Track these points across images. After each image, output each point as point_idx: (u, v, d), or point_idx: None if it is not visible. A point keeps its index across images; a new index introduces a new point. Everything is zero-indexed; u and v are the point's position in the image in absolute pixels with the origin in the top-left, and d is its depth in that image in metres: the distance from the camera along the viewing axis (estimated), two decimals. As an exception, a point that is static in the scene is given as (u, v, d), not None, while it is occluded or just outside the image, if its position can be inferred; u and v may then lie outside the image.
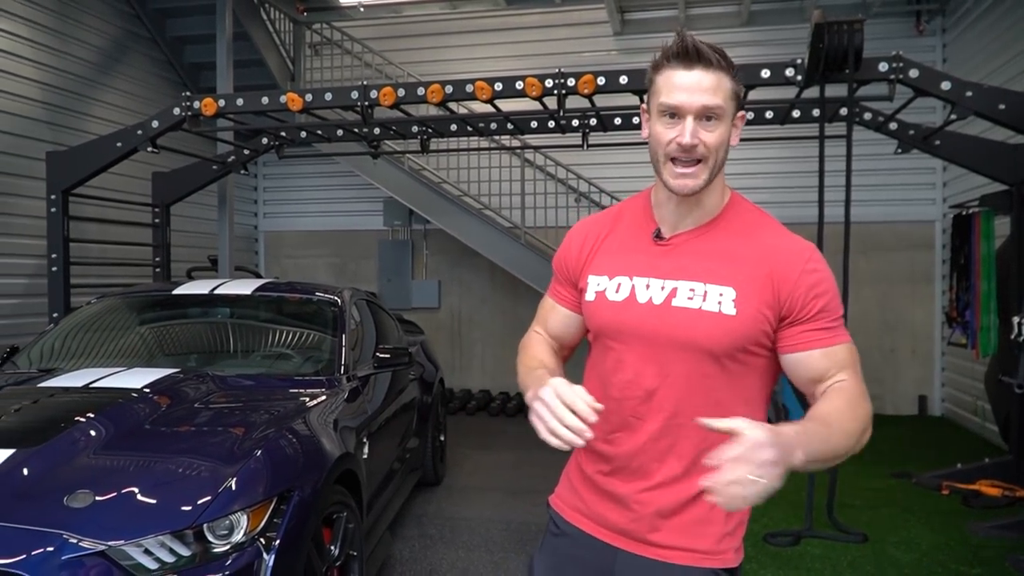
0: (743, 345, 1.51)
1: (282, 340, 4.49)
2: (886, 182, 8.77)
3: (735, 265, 1.53)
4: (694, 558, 1.55)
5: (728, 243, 1.56)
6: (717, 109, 1.50)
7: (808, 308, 1.50)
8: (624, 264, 1.62)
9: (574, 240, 1.74)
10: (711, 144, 1.51)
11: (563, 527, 1.73)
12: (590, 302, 1.65)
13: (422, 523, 5.00)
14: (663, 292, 1.55)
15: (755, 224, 1.60)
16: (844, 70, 4.87)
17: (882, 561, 4.35)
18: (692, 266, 1.55)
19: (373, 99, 5.69)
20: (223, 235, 7.62)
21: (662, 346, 1.54)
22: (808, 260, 1.52)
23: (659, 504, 1.57)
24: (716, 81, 1.50)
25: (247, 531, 2.55)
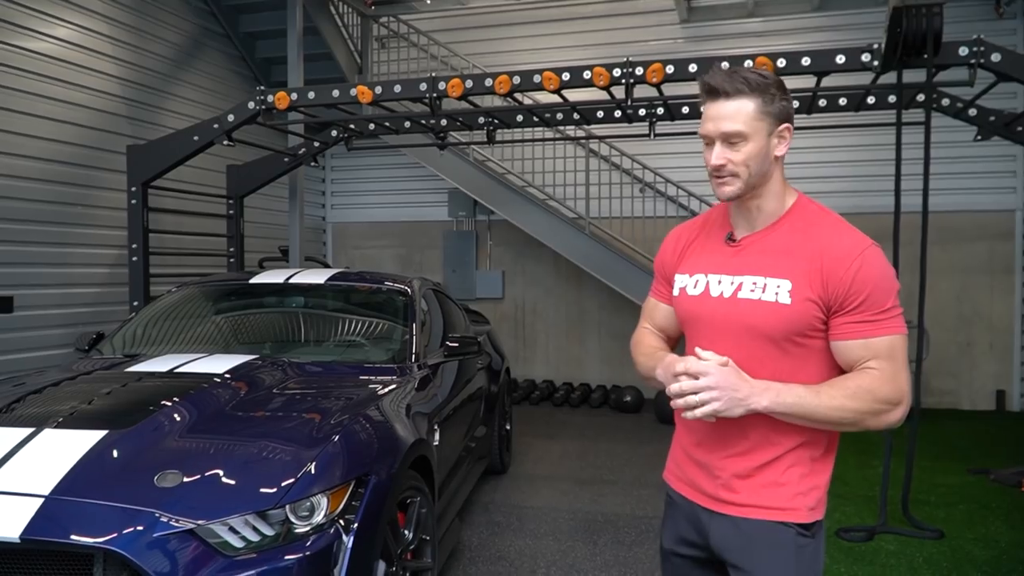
0: (797, 330, 1.74)
1: (354, 328, 4.60)
2: (963, 170, 8.47)
3: (792, 260, 1.75)
4: (769, 513, 1.78)
5: (789, 241, 1.79)
6: (737, 133, 1.74)
7: (851, 300, 1.70)
8: (703, 263, 1.90)
9: (668, 244, 2.06)
10: (739, 161, 1.75)
11: (672, 495, 2.02)
12: (675, 297, 1.95)
13: (489, 511, 5.07)
14: (732, 286, 1.81)
15: (815, 223, 1.79)
16: (923, 55, 4.73)
17: (959, 558, 4.24)
18: (757, 263, 1.80)
19: (441, 91, 5.75)
20: (293, 226, 7.81)
21: (731, 332, 1.79)
22: (856, 256, 1.71)
23: (735, 469, 1.82)
24: (735, 108, 1.73)
25: (327, 513, 2.64)
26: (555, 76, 5.53)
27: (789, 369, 1.75)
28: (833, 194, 8.85)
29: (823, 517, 1.82)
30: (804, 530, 1.78)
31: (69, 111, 6.68)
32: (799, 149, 8.76)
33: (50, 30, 6.47)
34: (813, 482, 1.80)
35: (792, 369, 1.76)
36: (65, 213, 6.65)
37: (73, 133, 6.72)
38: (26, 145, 6.24)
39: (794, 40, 8.67)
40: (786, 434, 1.77)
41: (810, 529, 1.79)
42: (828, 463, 1.83)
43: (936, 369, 8.56)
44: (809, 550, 1.79)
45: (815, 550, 1.80)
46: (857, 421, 1.68)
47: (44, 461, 2.65)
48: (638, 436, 7.15)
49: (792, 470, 1.78)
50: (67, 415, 3.00)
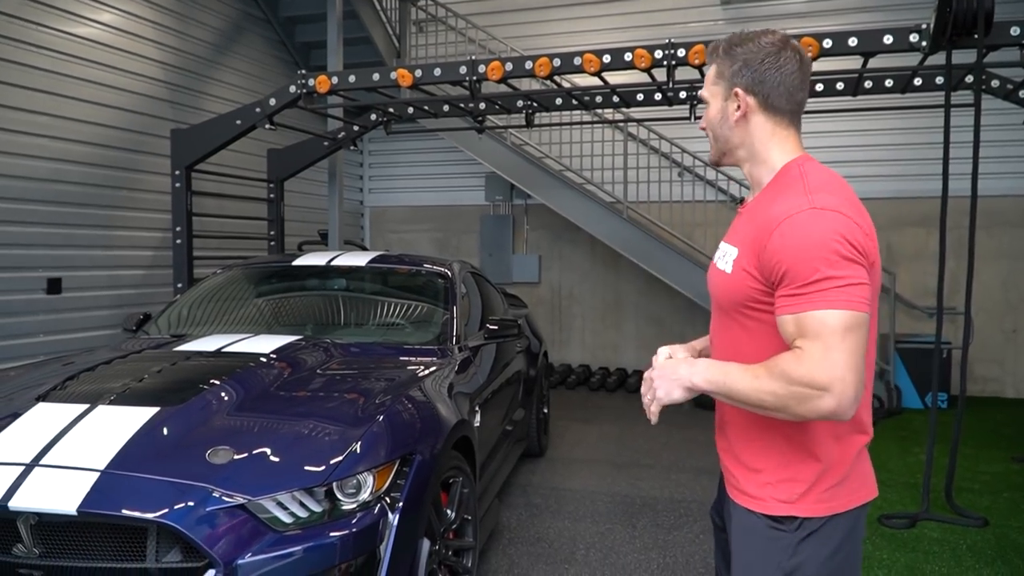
0: (738, 300, 1.69)
1: (395, 310, 4.64)
2: (1011, 154, 8.25)
3: (747, 228, 1.70)
4: (744, 499, 1.76)
5: (755, 209, 1.72)
6: (702, 97, 1.83)
7: (775, 273, 1.57)
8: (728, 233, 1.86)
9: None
10: (703, 125, 1.84)
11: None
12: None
13: (528, 493, 5.10)
14: (721, 256, 1.79)
15: (777, 190, 1.68)
16: (973, 35, 4.61)
17: (1004, 546, 4.18)
18: (736, 231, 1.79)
19: (481, 74, 5.74)
20: (333, 210, 7.88)
21: (718, 304, 1.82)
22: (779, 223, 1.57)
23: (732, 452, 1.82)
24: (707, 73, 1.81)
25: (373, 491, 2.68)
26: (596, 58, 5.49)
27: (748, 343, 1.69)
28: (878, 178, 8.71)
29: (818, 515, 1.66)
30: (775, 523, 1.68)
31: (114, 95, 6.80)
32: (844, 132, 8.62)
33: (95, 15, 6.58)
34: (789, 474, 1.68)
35: (751, 343, 1.69)
36: (111, 196, 6.79)
37: (118, 117, 6.85)
38: (73, 129, 6.37)
39: (837, 21, 8.50)
40: (743, 415, 1.72)
41: (783, 523, 1.67)
42: (817, 458, 1.67)
43: (980, 356, 8.40)
44: (782, 544, 1.67)
45: (790, 546, 1.66)
46: (780, 407, 1.51)
47: (99, 437, 2.73)
48: (675, 421, 7.13)
49: (769, 459, 1.70)
50: (120, 392, 3.07)
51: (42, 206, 6.09)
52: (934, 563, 3.97)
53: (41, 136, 6.06)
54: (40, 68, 6.04)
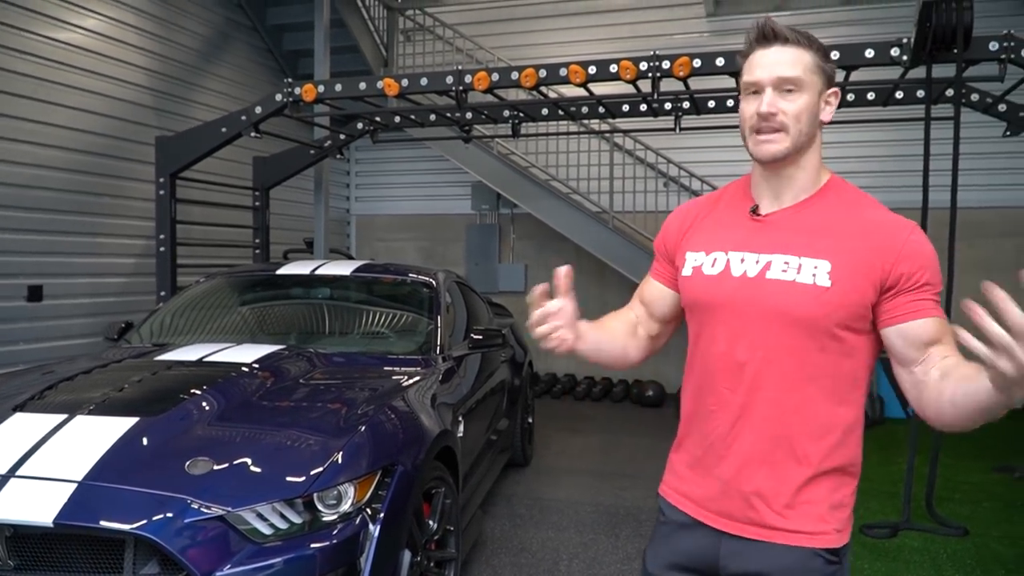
0: (838, 318, 1.50)
1: (380, 320, 4.63)
2: (991, 166, 8.36)
3: (833, 239, 1.54)
4: (795, 538, 1.54)
5: (827, 218, 1.57)
6: (795, 80, 1.54)
7: (915, 279, 1.50)
8: (721, 240, 1.65)
9: (673, 220, 1.82)
10: (791, 112, 1.54)
11: (668, 513, 1.74)
12: (687, 277, 1.68)
13: (512, 503, 5.10)
14: (757, 265, 1.57)
15: (856, 202, 1.60)
16: (952, 49, 4.68)
17: (984, 555, 4.21)
18: (788, 240, 1.57)
19: (467, 84, 5.76)
20: (319, 218, 7.87)
21: (754, 319, 1.55)
22: (914, 232, 1.53)
23: (754, 483, 1.56)
24: (794, 55, 1.55)
25: (354, 502, 2.67)
26: (581, 69, 5.52)
27: (819, 366, 1.52)
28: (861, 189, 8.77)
29: (850, 541, 1.60)
30: (832, 555, 1.56)
31: (98, 102, 6.77)
32: (827, 144, 8.62)
33: (79, 20, 6.55)
34: (840, 497, 1.58)
35: (826, 369, 1.53)
36: (94, 203, 6.75)
37: (102, 124, 6.82)
38: (56, 135, 6.34)
39: (822, 34, 8.35)
40: (815, 443, 1.55)
41: (837, 554, 1.57)
42: (853, 474, 1.61)
43: (962, 367, 8.46)
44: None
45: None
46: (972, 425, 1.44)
47: (77, 447, 2.71)
48: (660, 431, 7.14)
49: (818, 484, 1.55)
50: (99, 402, 3.05)
51: (23, 212, 6.05)
52: (914, 572, 3.99)
53: (22, 142, 6.02)
54: (22, 73, 6.01)
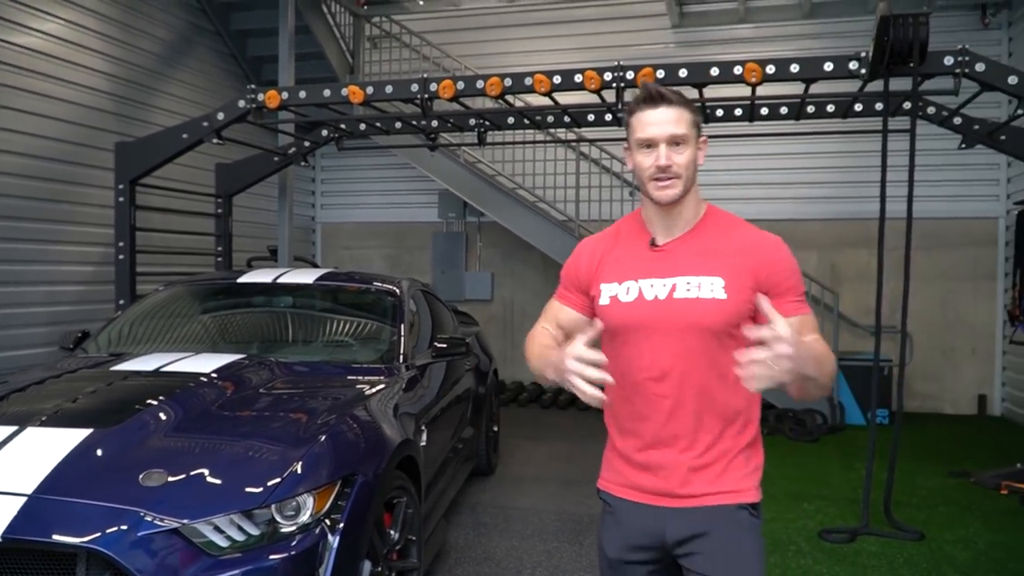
0: (735, 322, 1.83)
1: (342, 329, 4.60)
2: (948, 178, 8.56)
3: (720, 258, 1.88)
4: (725, 497, 1.87)
5: (712, 242, 1.91)
6: (682, 136, 1.86)
7: (783, 285, 1.85)
8: (630, 271, 1.94)
9: (583, 254, 2.06)
10: (682, 163, 1.86)
11: (613, 503, 2.00)
12: (606, 306, 1.95)
13: (476, 512, 5.08)
14: (665, 288, 1.88)
15: (731, 225, 1.95)
16: (909, 63, 4.78)
17: (939, 559, 4.28)
18: (686, 264, 1.90)
19: (433, 92, 5.76)
20: (282, 226, 7.80)
21: (671, 332, 1.86)
22: (779, 248, 1.91)
23: (687, 463, 1.88)
24: (678, 115, 1.86)
25: (313, 513, 2.64)
26: (546, 79, 5.55)
27: (725, 362, 1.79)
28: (822, 200, 8.94)
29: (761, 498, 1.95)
30: (754, 510, 1.90)
31: (56, 107, 6.65)
32: (788, 155, 8.85)
33: (39, 25, 6.44)
34: (755, 463, 1.93)
35: (728, 362, 1.77)
36: (51, 210, 6.61)
37: (60, 129, 6.69)
38: (12, 141, 6.20)
39: (784, 46, 8.72)
40: (723, 421, 1.88)
41: (757, 509, 1.91)
42: (760, 444, 1.96)
43: (919, 373, 8.64)
44: (759, 529, 1.91)
45: (760, 530, 1.93)
46: (828, 386, 1.79)
47: (27, 459, 2.65)
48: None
49: (738, 455, 1.89)
50: (51, 413, 2.99)
51: (-23, 219, 5.92)
52: (872, 578, 4.06)
53: (-23, 147, 5.90)
54: (-22, 78, 5.89)
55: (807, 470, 6.17)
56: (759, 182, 9.05)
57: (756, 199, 8.99)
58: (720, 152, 8.78)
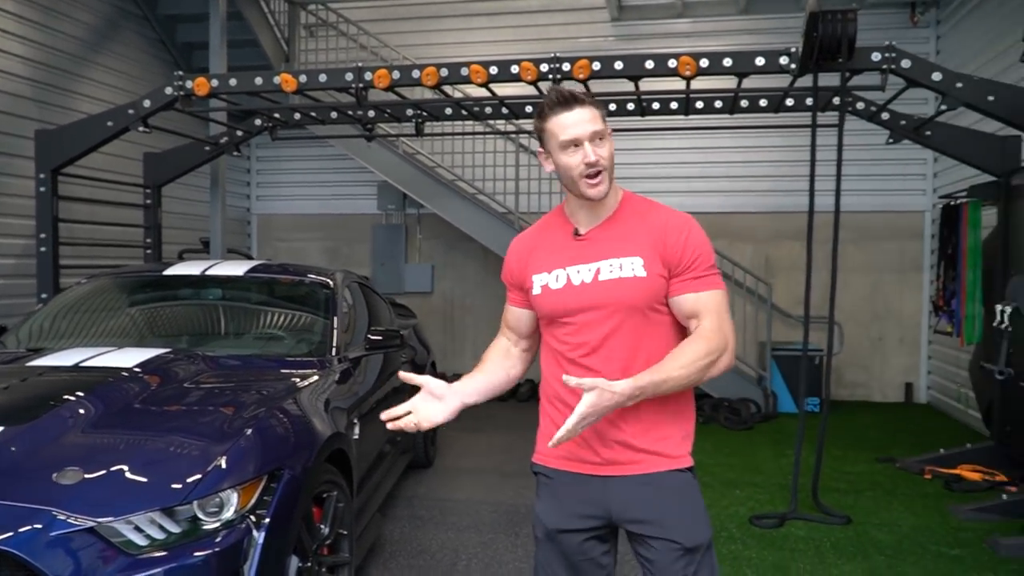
0: (656, 297, 2.00)
1: (274, 321, 4.51)
2: (878, 172, 8.80)
3: (637, 240, 2.02)
4: (666, 462, 2.01)
5: (630, 226, 2.05)
6: (601, 132, 1.98)
7: (683, 263, 1.99)
8: (557, 260, 2.06)
9: (513, 253, 2.20)
10: (606, 156, 1.99)
11: (551, 475, 2.10)
12: (538, 295, 2.07)
13: (413, 504, 5.04)
14: (590, 273, 2.01)
15: (647, 209, 2.08)
16: (837, 59, 4.88)
17: (864, 542, 4.41)
18: (608, 248, 2.03)
19: (368, 81, 5.68)
20: (215, 217, 7.62)
21: (599, 311, 1.99)
22: (686, 226, 2.04)
23: (628, 431, 1.99)
24: (592, 112, 1.98)
25: (237, 508, 2.58)
26: (483, 70, 5.52)
27: (650, 335, 2.00)
28: (757, 193, 9.11)
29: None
30: (689, 471, 2.06)
31: (-28, 92, 6.36)
32: (723, 149, 9.00)
33: (-48, 6, 6.14)
34: (686, 430, 2.08)
35: (653, 335, 2.01)
36: (-32, 200, 6.33)
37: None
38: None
39: (721, 41, 8.85)
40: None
41: (692, 471, 2.07)
42: (693, 412, 2.12)
43: (849, 362, 8.89)
44: (698, 490, 2.07)
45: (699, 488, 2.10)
46: (701, 376, 1.93)
47: (-66, 459, 2.53)
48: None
49: (673, 422, 2.03)
50: (-40, 411, 2.86)
51: None
52: (799, 561, 4.15)
53: None
54: None
55: (741, 457, 6.29)
56: (695, 175, 9.18)
57: (691, 192, 9.12)
58: (656, 145, 8.94)
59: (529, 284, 2.10)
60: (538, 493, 2.14)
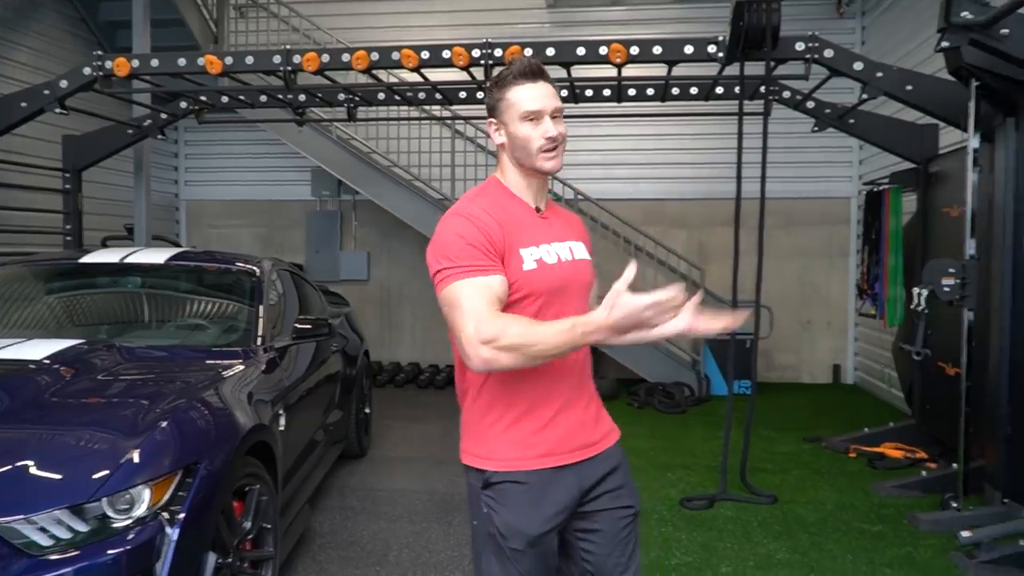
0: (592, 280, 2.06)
1: (197, 310, 4.38)
2: (807, 159, 9.00)
3: (572, 227, 2.11)
4: (616, 434, 2.11)
5: (560, 212, 2.13)
6: (560, 108, 1.98)
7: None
8: (536, 235, 1.96)
9: (490, 222, 1.89)
10: (563, 133, 1.97)
11: (530, 479, 1.92)
12: (533, 270, 1.90)
13: (344, 495, 4.98)
14: (567, 251, 2.00)
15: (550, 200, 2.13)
16: (763, 48, 4.96)
17: (789, 520, 4.53)
18: (562, 230, 2.04)
19: (296, 64, 5.56)
20: (139, 202, 7.38)
21: (576, 292, 1.99)
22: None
23: (591, 413, 2.04)
24: (553, 89, 1.97)
25: (150, 505, 2.49)
26: (414, 54, 5.45)
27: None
28: (689, 180, 9.22)
29: None
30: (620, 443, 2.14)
31: None
32: (655, 136, 9.07)
33: None
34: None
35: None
36: None
37: None
38: None
39: (656, 29, 8.89)
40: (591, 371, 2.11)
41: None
42: None
43: (780, 346, 9.10)
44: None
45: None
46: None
47: None
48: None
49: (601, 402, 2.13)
50: None
51: None
52: (727, 540, 4.23)
53: None
54: None
55: (674, 441, 6.39)
56: (629, 162, 9.25)
57: (626, 179, 9.20)
58: (591, 132, 8.95)
59: (514, 257, 1.89)
60: (502, 503, 1.92)
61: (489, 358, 1.75)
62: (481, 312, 1.77)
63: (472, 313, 1.77)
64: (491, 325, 1.75)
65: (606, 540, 2.00)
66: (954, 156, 5.29)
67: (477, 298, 1.80)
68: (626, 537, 2.03)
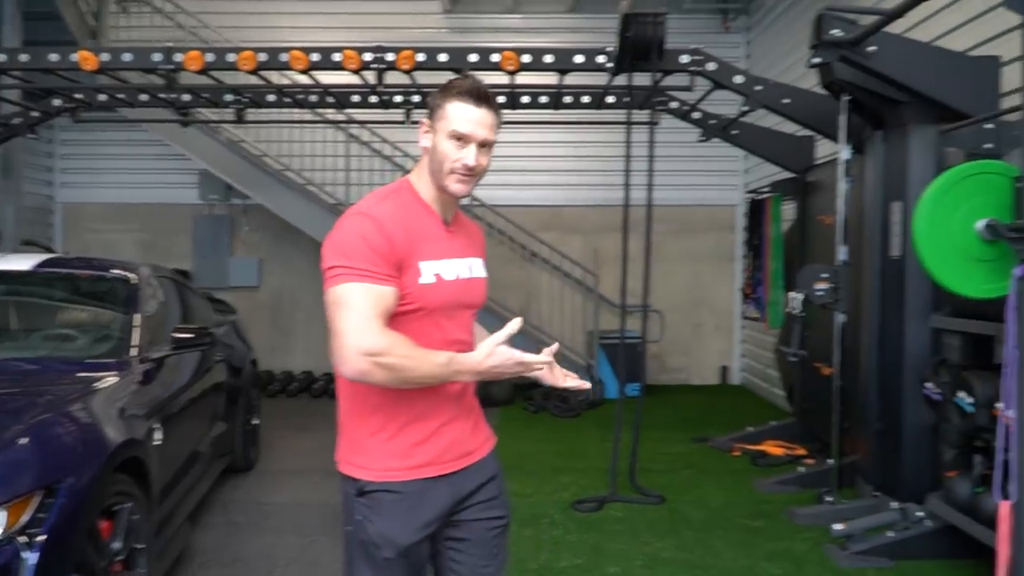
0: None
1: (67, 320, 4.15)
2: (696, 168, 9.32)
3: (474, 242, 2.10)
4: (490, 446, 2.12)
5: (466, 226, 2.12)
6: (491, 142, 1.93)
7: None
8: (439, 249, 1.94)
9: (394, 229, 1.84)
10: (484, 165, 1.94)
11: (405, 488, 1.90)
12: (430, 284, 1.89)
13: (229, 510, 4.81)
14: (466, 268, 2.00)
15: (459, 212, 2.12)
16: (649, 59, 5.09)
17: (676, 520, 4.67)
18: (464, 246, 2.04)
19: (178, 63, 5.34)
20: (8, 205, 6.96)
21: (467, 309, 2.02)
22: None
23: (471, 421, 2.05)
24: (493, 120, 1.92)
25: (5, 528, 2.34)
26: (304, 56, 5.33)
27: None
28: (583, 187, 9.39)
29: None
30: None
31: None
32: (550, 143, 9.19)
33: None
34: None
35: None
36: None
37: None
38: None
39: (551, 38, 9.01)
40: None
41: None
42: None
43: (671, 349, 9.38)
44: None
45: None
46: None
47: None
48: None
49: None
50: None
51: None
52: (616, 541, 4.32)
53: None
54: None
55: (567, 444, 6.48)
56: (526, 168, 9.33)
57: (523, 185, 9.29)
58: (487, 138, 8.99)
59: (411, 269, 1.85)
60: (376, 512, 1.90)
61: (365, 370, 1.72)
62: (369, 321, 1.73)
63: (359, 320, 1.73)
64: (378, 339, 1.72)
65: (475, 549, 2.02)
66: (828, 167, 5.58)
67: (367, 306, 1.75)
68: (495, 547, 2.06)
